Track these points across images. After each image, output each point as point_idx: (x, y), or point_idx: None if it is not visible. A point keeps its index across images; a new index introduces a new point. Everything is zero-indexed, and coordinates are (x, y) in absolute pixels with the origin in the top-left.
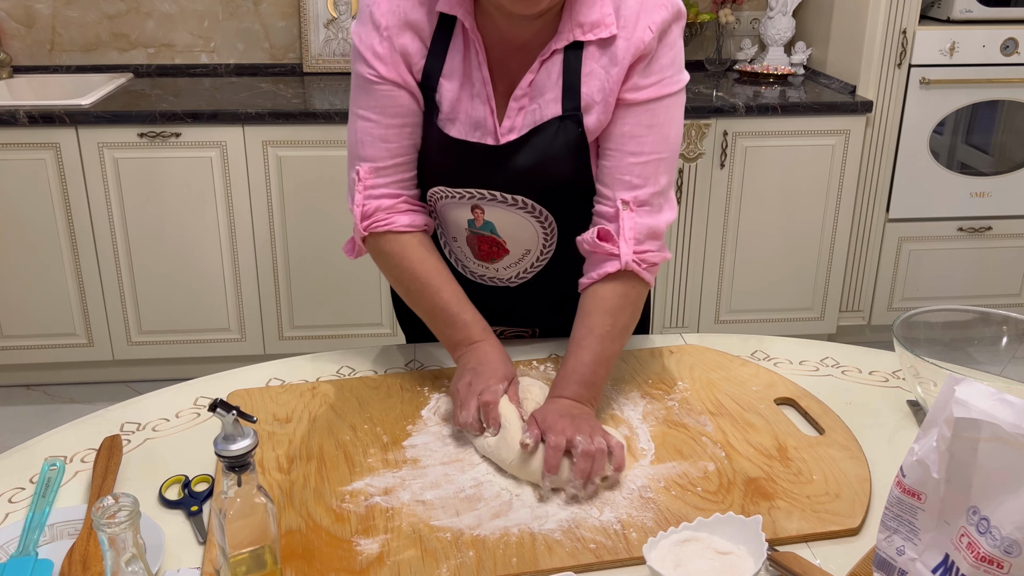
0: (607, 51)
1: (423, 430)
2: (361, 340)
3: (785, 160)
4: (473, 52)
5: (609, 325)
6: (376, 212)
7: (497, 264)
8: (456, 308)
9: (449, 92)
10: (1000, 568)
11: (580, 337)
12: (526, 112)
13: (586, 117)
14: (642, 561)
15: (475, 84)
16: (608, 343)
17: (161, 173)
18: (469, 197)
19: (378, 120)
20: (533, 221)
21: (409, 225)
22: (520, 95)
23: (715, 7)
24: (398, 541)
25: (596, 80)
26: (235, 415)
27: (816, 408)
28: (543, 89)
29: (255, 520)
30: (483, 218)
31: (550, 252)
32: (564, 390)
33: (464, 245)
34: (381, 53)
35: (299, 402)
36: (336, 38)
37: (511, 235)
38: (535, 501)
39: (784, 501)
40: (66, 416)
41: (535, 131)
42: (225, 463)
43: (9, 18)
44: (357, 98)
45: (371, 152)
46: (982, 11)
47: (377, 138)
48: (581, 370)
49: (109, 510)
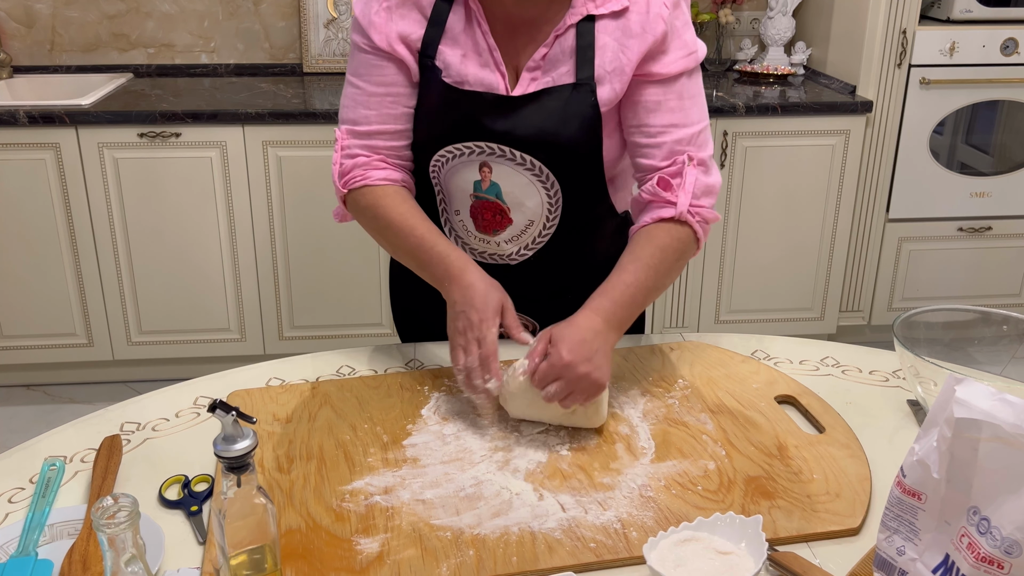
0: (619, 23)
1: (423, 429)
2: (361, 340)
3: (785, 160)
4: (475, 23)
5: (658, 258)
6: (353, 169)
7: (499, 236)
8: (431, 242)
9: (452, 58)
10: (1000, 568)
11: (626, 262)
12: (539, 83)
13: (599, 88)
14: (642, 560)
15: (481, 54)
16: (652, 274)
17: (161, 173)
18: (479, 152)
19: (362, 87)
20: (539, 186)
21: (384, 179)
22: (533, 66)
23: (715, 7)
24: (398, 540)
25: (609, 52)
26: (234, 416)
27: (817, 406)
28: (556, 63)
29: (254, 520)
30: (490, 178)
31: (553, 226)
32: (598, 305)
33: (467, 217)
34: (376, 22)
35: (299, 402)
36: (336, 38)
37: (516, 201)
38: (535, 500)
39: (784, 500)
40: (66, 416)
41: (547, 91)
42: (224, 464)
43: (9, 18)
44: (350, 62)
45: (352, 116)
46: (982, 11)
47: (359, 104)
48: (621, 288)
49: (108, 510)
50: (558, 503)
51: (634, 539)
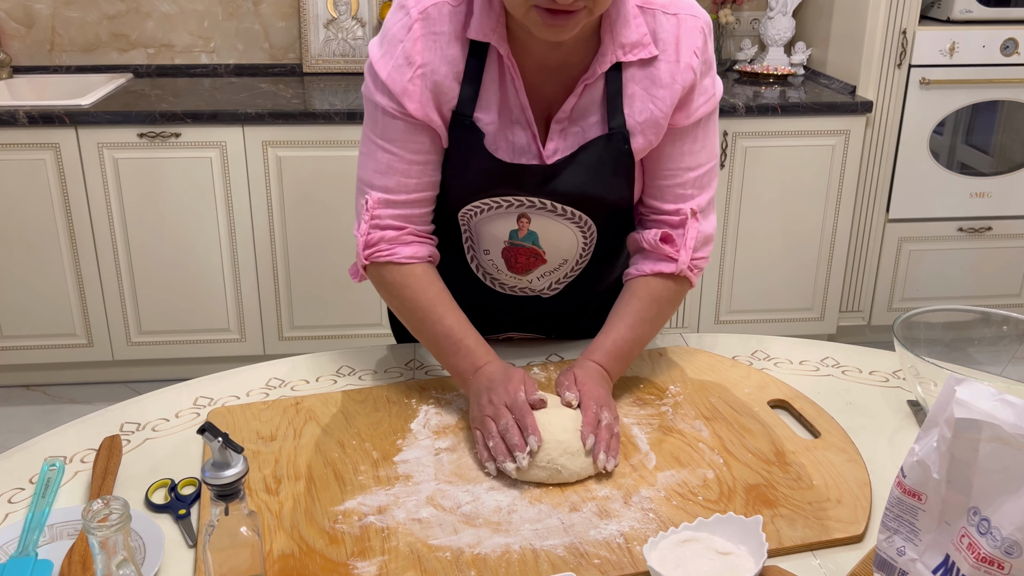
0: (647, 72)
1: (414, 444)
2: (361, 340)
3: (785, 160)
4: (509, 79)
5: (655, 312)
6: (380, 242)
7: (532, 275)
8: (459, 335)
9: (488, 121)
10: (1001, 569)
11: (624, 314)
12: (568, 135)
13: (632, 139)
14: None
15: (513, 111)
16: (648, 328)
17: (161, 173)
18: (518, 205)
19: (399, 154)
20: (577, 231)
21: (411, 256)
22: (563, 118)
23: (715, 7)
24: (396, 563)
25: (638, 101)
26: (221, 442)
27: (810, 410)
28: (586, 112)
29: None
30: (528, 228)
31: (584, 262)
32: (598, 357)
33: (498, 258)
34: (411, 90)
35: (283, 419)
36: (336, 38)
37: (552, 245)
38: (535, 516)
39: (786, 508)
40: (66, 416)
41: (582, 148)
42: (213, 492)
43: (9, 18)
44: (374, 125)
45: (387, 184)
46: (982, 11)
47: (397, 172)
48: (620, 343)
49: (99, 513)
50: (559, 518)
51: (637, 553)
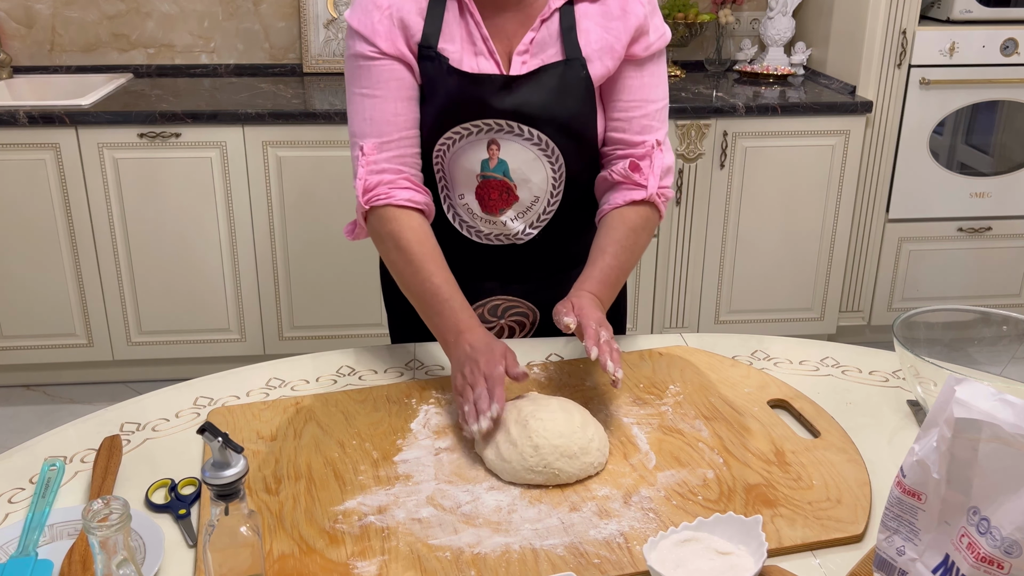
0: (598, 7)
1: (414, 444)
2: (361, 340)
3: (785, 160)
4: (468, 15)
5: (633, 241)
6: (378, 186)
7: (506, 214)
8: (447, 294)
9: (452, 51)
10: (1000, 568)
11: (605, 246)
12: (529, 64)
13: (590, 65)
14: (647, 573)
15: (476, 43)
16: (629, 256)
17: (161, 173)
18: (488, 130)
19: (383, 95)
20: (545, 161)
21: (409, 200)
22: (523, 50)
23: (715, 7)
24: (397, 563)
25: (593, 34)
26: (221, 442)
27: (810, 410)
28: (544, 45)
29: (247, 551)
30: (498, 155)
31: (556, 202)
32: (590, 286)
33: (472, 200)
34: (380, 30)
35: (283, 418)
36: (336, 38)
37: (522, 178)
38: (535, 515)
39: (786, 508)
40: (66, 416)
41: (542, 69)
42: (213, 491)
43: (9, 18)
44: (357, 79)
45: (376, 127)
46: (982, 11)
47: (385, 112)
48: (607, 272)
49: (100, 513)
50: (558, 518)
51: (637, 553)
